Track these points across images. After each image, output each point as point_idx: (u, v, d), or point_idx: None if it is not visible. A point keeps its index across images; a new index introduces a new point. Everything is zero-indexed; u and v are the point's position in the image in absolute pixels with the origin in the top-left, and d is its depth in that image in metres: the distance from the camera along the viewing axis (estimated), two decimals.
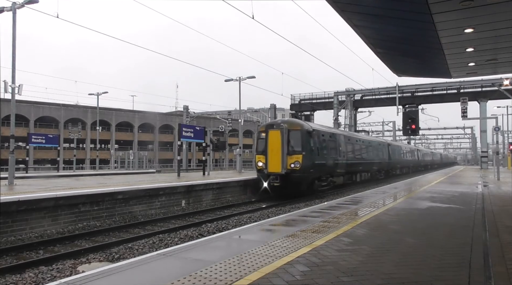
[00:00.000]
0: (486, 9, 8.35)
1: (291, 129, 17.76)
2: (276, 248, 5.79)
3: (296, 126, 18.05)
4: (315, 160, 18.19)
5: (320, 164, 18.69)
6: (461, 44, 10.76)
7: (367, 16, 10.53)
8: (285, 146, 17.41)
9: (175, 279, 4.34)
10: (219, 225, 11.28)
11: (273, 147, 17.70)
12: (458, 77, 17.38)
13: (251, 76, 33.00)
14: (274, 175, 17.33)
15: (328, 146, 20.17)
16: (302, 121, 19.86)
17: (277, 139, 17.59)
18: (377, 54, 13.20)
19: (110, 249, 8.62)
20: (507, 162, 47.56)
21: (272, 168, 17.54)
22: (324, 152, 19.43)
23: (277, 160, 17.38)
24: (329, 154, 20.06)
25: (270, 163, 17.66)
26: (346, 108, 42.61)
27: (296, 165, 17.18)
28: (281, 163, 17.26)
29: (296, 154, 17.37)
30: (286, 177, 17.15)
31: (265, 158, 17.88)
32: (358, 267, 4.83)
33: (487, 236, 6.83)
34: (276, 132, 17.82)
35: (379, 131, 65.73)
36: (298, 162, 17.17)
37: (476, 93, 40.29)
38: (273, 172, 17.45)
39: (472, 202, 11.81)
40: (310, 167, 17.63)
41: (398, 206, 10.83)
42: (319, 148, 18.85)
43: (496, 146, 35.69)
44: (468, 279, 4.44)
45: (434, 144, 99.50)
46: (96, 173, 29.76)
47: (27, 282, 6.40)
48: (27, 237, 9.66)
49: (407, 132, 27.35)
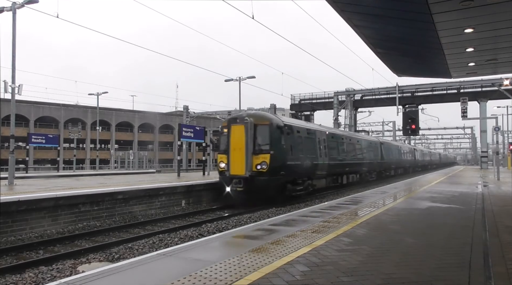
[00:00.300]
0: (486, 9, 8.36)
1: (258, 124, 15.15)
2: (277, 248, 5.79)
3: (264, 121, 15.37)
4: (287, 160, 15.65)
5: (294, 165, 16.13)
6: (461, 44, 10.76)
7: (367, 16, 10.53)
8: (250, 143, 14.92)
9: (175, 279, 4.34)
10: (219, 225, 11.28)
11: (236, 145, 15.17)
12: (458, 77, 17.39)
13: (251, 76, 33.08)
14: (237, 178, 14.87)
15: (306, 144, 17.61)
16: (272, 115, 16.95)
17: (241, 136, 15.09)
18: (377, 54, 13.20)
19: (110, 249, 8.61)
20: (507, 162, 47.57)
21: (235, 170, 15.08)
22: (299, 150, 16.87)
23: (241, 161, 14.96)
24: (306, 153, 17.45)
25: (233, 164, 15.15)
26: (346, 108, 42.62)
27: (263, 166, 14.68)
28: (245, 164, 14.83)
29: (263, 153, 14.84)
30: (251, 181, 14.71)
31: (227, 158, 15.37)
32: (358, 267, 4.83)
33: (487, 236, 6.83)
34: (239, 127, 15.26)
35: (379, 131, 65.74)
36: (265, 162, 14.68)
37: (476, 93, 40.32)
38: (236, 174, 15.01)
39: (472, 202, 11.81)
40: (280, 168, 15.09)
41: (398, 206, 10.83)
42: (293, 146, 16.31)
43: (496, 145, 35.70)
44: (468, 279, 4.44)
45: (434, 144, 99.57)
46: (96, 173, 29.76)
47: (27, 282, 6.40)
48: (27, 237, 9.66)
49: (407, 132, 27.41)
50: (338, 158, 21.49)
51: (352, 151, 24.44)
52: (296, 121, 18.91)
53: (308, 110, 49.58)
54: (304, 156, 17.10)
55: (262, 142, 15.18)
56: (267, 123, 15.28)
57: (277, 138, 15.29)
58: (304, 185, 17.18)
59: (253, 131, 15.05)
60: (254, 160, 14.83)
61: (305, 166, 17.04)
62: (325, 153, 19.53)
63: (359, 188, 21.71)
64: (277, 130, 15.33)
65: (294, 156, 16.28)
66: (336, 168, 20.92)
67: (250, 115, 15.69)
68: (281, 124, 15.56)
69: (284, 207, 14.81)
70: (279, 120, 15.88)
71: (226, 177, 15.35)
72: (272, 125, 15.26)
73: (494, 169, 26.84)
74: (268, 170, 14.67)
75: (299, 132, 17.13)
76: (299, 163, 16.53)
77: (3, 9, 16.72)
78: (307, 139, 17.98)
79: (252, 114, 16.11)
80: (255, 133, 15.12)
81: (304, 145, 17.37)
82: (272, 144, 15.07)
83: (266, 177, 14.68)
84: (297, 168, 16.37)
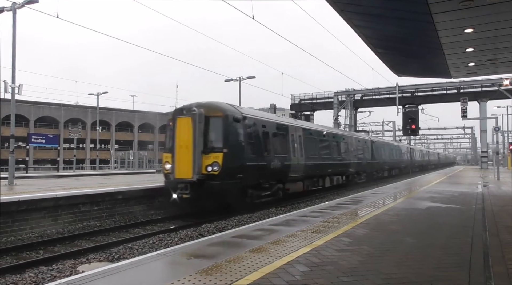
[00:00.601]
0: (486, 9, 8.37)
1: (209, 116, 12.54)
2: (277, 248, 5.80)
3: (217, 112, 12.75)
4: (247, 160, 13.05)
5: (257, 166, 13.50)
6: (461, 44, 10.77)
7: (367, 16, 10.54)
8: (199, 140, 12.23)
9: (175, 279, 4.34)
10: (219, 225, 11.28)
11: (183, 142, 12.49)
12: (458, 77, 17.40)
13: (251, 76, 33.08)
14: (183, 183, 12.14)
15: (274, 142, 15.08)
16: (227, 105, 13.63)
17: (188, 131, 12.38)
18: (377, 54, 13.22)
19: (110, 249, 8.61)
20: (507, 162, 47.59)
21: (181, 172, 12.37)
22: (265, 149, 14.23)
23: (187, 161, 12.23)
24: (275, 152, 14.82)
25: (178, 165, 12.47)
26: (346, 108, 42.67)
27: (214, 168, 12.06)
28: (193, 165, 12.10)
29: (214, 152, 12.21)
30: (199, 186, 12.01)
31: (172, 158, 12.72)
32: (358, 267, 4.83)
33: (487, 236, 6.84)
34: (186, 120, 12.54)
35: (379, 131, 65.79)
36: (217, 163, 12.08)
37: (476, 93, 40.33)
38: (181, 178, 12.28)
39: (472, 202, 11.81)
40: (237, 170, 12.54)
41: (398, 206, 10.83)
42: (256, 144, 13.66)
43: (496, 146, 35.75)
44: (468, 279, 4.44)
45: (434, 144, 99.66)
46: (96, 173, 29.77)
47: (27, 282, 6.40)
48: (27, 237, 9.66)
49: (407, 132, 27.49)
50: (319, 158, 19.04)
51: (337, 150, 21.81)
52: (262, 114, 15.99)
53: (308, 110, 49.61)
54: (271, 156, 14.52)
55: (214, 138, 12.59)
56: (220, 115, 12.69)
57: (233, 133, 12.80)
58: (273, 189, 14.71)
59: (203, 125, 12.38)
60: (203, 160, 12.18)
61: (273, 167, 14.47)
62: (301, 152, 17.01)
63: (359, 188, 21.71)
64: (234, 124, 12.80)
65: (257, 155, 13.64)
66: (316, 169, 18.50)
67: (200, 105, 12.82)
68: (240, 117, 13.03)
69: (284, 207, 14.81)
70: (236, 111, 13.27)
71: (170, 181, 12.65)
72: (227, 117, 12.68)
73: (494, 169, 26.85)
74: (221, 172, 12.07)
75: (265, 127, 14.47)
76: (264, 164, 13.97)
77: (3, 9, 16.74)
78: (277, 136, 15.43)
79: (203, 104, 13.02)
80: (206, 127, 12.46)
81: (272, 142, 14.81)
82: (227, 140, 12.52)
83: (218, 181, 12.01)
84: (261, 170, 13.77)
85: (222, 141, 12.52)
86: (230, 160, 12.34)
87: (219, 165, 12.11)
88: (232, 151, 12.48)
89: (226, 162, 12.18)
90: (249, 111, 14.40)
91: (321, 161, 19.25)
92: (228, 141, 12.56)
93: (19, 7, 16.40)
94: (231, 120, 12.74)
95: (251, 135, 13.54)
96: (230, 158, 12.32)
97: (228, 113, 12.83)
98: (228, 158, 12.27)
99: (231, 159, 12.36)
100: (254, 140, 13.62)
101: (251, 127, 13.59)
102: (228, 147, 12.41)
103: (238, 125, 12.96)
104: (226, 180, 12.16)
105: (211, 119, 12.60)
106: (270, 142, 14.73)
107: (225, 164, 12.16)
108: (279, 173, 15.01)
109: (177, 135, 12.71)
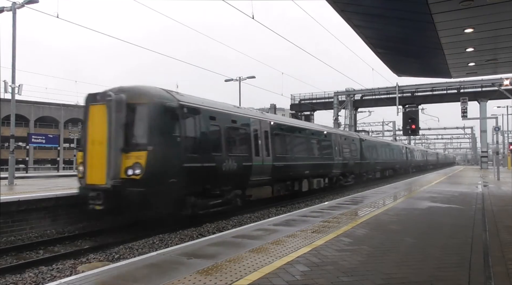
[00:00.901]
0: (486, 9, 8.37)
1: (132, 103, 9.67)
2: (277, 248, 5.80)
3: (141, 98, 9.85)
4: (185, 160, 10.21)
5: (201, 168, 10.75)
6: (461, 44, 10.78)
7: (367, 16, 10.55)
8: (117, 134, 9.42)
9: (175, 279, 4.34)
10: (219, 225, 11.27)
11: (96, 137, 9.72)
12: (458, 77, 17.41)
13: (251, 76, 33.08)
14: (96, 190, 9.44)
15: (229, 137, 12.41)
16: (158, 90, 10.42)
17: (102, 122, 9.56)
18: (377, 54, 13.22)
19: (110, 249, 8.61)
20: (507, 162, 47.61)
21: (93, 176, 9.62)
22: (214, 146, 11.50)
23: (100, 162, 9.48)
24: (229, 151, 12.10)
25: (90, 167, 9.72)
26: (346, 108, 42.68)
27: (136, 171, 9.30)
28: (107, 167, 9.34)
29: (137, 150, 9.44)
30: (115, 194, 9.23)
31: (84, 158, 9.95)
32: (358, 267, 4.83)
33: (487, 236, 6.84)
34: (99, 108, 9.72)
35: (379, 131, 65.81)
36: (140, 164, 9.29)
37: (476, 93, 40.35)
38: (93, 184, 9.57)
39: (472, 202, 11.82)
40: (169, 173, 9.77)
41: (398, 206, 10.83)
42: (200, 140, 10.94)
43: (496, 145, 35.76)
44: (468, 279, 4.44)
45: (434, 144, 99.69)
46: None
47: (27, 282, 6.40)
48: (27, 237, 9.65)
49: (407, 132, 27.45)
50: (292, 158, 16.27)
51: (317, 149, 19.16)
52: (212, 103, 12.20)
53: (308, 110, 49.63)
54: (223, 155, 11.73)
55: (137, 132, 9.80)
56: (146, 102, 9.79)
57: (163, 126, 9.91)
58: (227, 196, 12.08)
59: (123, 115, 9.52)
60: (123, 161, 9.38)
61: (226, 169, 11.70)
62: (268, 150, 14.17)
63: (359, 188, 21.71)
64: (165, 114, 9.91)
65: (202, 154, 10.85)
66: (289, 170, 15.80)
67: (122, 90, 9.88)
68: (174, 105, 10.13)
69: (284, 207, 14.81)
70: (170, 98, 10.27)
71: (81, 187, 10.02)
72: (155, 105, 9.82)
73: (494, 169, 26.86)
74: (144, 176, 9.24)
75: (215, 120, 11.66)
76: (212, 165, 11.20)
77: (3, 9, 16.74)
78: (233, 131, 12.76)
79: (125, 88, 10.01)
80: (128, 117, 9.61)
81: (225, 139, 12.05)
82: (153, 134, 9.67)
83: (140, 187, 9.21)
84: (208, 173, 11.07)
85: (146, 136, 9.64)
86: (158, 161, 9.50)
87: (141, 167, 9.25)
88: (160, 148, 9.61)
89: (151, 163, 9.31)
90: (190, 99, 11.12)
91: (296, 161, 16.49)
92: (155, 137, 9.65)
93: (19, 7, 16.39)
94: (160, 109, 9.81)
95: (193, 129, 10.67)
96: (157, 158, 9.49)
97: (157, 100, 9.86)
98: (155, 157, 9.42)
99: (158, 159, 9.53)
100: (196, 136, 10.76)
101: (192, 119, 10.66)
102: (154, 143, 9.52)
103: (172, 116, 10.03)
104: (152, 186, 9.29)
105: (134, 107, 9.67)
106: (223, 138, 11.92)
107: (149, 165, 9.28)
108: (235, 176, 12.23)
109: (89, 128, 9.90)
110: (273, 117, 16.82)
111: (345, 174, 22.45)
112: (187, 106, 10.58)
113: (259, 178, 13.65)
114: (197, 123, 10.90)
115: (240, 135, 13.26)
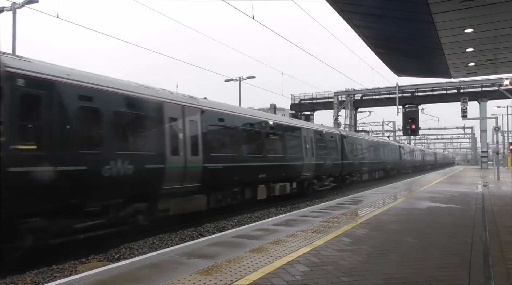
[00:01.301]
0: (486, 9, 8.37)
1: None
2: (277, 248, 5.79)
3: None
4: (15, 163, 6.51)
5: (56, 174, 7.01)
6: (461, 44, 10.78)
7: (367, 16, 10.55)
8: None
9: (175, 279, 4.34)
10: (219, 225, 11.27)
11: None
12: (458, 77, 17.40)
13: (251, 76, 33.09)
14: None
15: (119, 129, 8.63)
16: None
17: None
18: (377, 54, 13.22)
19: (110, 249, 8.60)
20: (507, 162, 47.59)
21: None
22: (85, 141, 7.91)
23: None
24: (118, 147, 8.43)
25: None
26: (346, 108, 42.67)
27: None
28: None
29: None
30: None
31: None
32: (358, 267, 4.83)
33: (487, 236, 6.84)
34: None
35: (379, 131, 65.80)
36: None
37: (476, 93, 40.34)
38: None
39: (472, 202, 11.82)
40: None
41: (398, 206, 10.83)
42: (54, 131, 7.23)
43: (496, 145, 35.78)
44: (468, 279, 4.44)
45: (434, 144, 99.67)
46: None
47: (27, 282, 6.40)
48: None
49: (407, 132, 27.47)
50: (238, 158, 12.64)
51: (277, 147, 15.46)
52: (86, 78, 8.06)
53: (308, 110, 49.61)
54: (104, 153, 8.07)
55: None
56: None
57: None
58: (117, 214, 8.53)
59: None
60: None
61: (110, 174, 8.00)
62: (194, 148, 10.56)
63: (359, 188, 21.68)
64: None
65: (58, 151, 7.23)
66: (232, 174, 12.19)
67: None
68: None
69: (284, 207, 14.80)
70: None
71: None
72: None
73: (494, 169, 26.87)
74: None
75: (91, 101, 7.92)
76: (82, 168, 7.55)
77: (3, 9, 16.75)
78: (124, 118, 8.78)
79: None
80: None
81: (107, 129, 8.28)
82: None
83: None
84: (73, 181, 7.42)
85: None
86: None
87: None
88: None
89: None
90: (38, 67, 7.21)
91: (244, 162, 12.86)
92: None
93: (19, 7, 16.40)
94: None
95: (37, 115, 7.07)
96: None
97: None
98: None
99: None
100: (44, 125, 7.12)
101: (36, 98, 7.00)
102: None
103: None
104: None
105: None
106: (105, 129, 8.25)
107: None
108: (132, 184, 8.60)
109: None
110: (207, 103, 11.95)
111: (320, 176, 18.94)
112: (25, 76, 6.73)
113: (180, 186, 9.99)
114: (46, 106, 7.13)
115: (140, 126, 9.30)
